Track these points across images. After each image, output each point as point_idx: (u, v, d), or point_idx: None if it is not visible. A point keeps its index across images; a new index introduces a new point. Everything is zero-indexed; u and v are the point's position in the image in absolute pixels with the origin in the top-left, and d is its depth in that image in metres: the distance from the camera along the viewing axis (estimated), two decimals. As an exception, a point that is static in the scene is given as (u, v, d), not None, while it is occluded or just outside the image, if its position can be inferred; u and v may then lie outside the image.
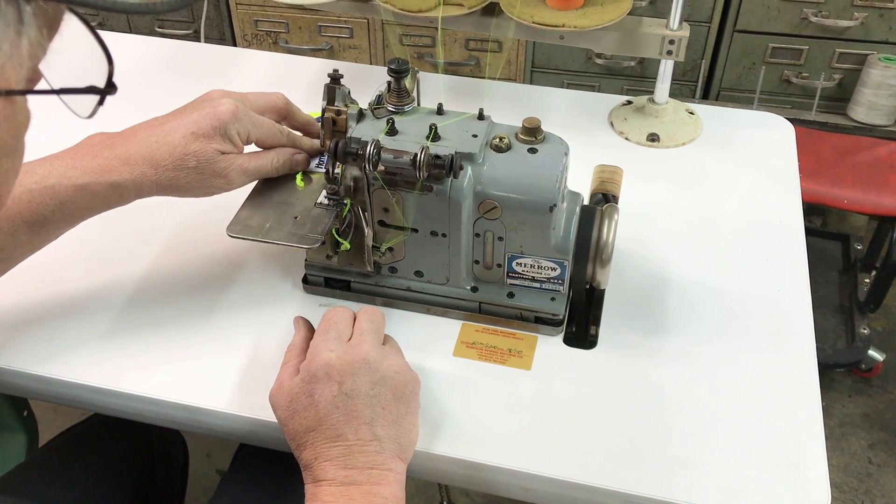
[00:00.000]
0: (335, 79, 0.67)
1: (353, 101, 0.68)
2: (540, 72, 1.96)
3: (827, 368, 1.59)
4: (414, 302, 0.73)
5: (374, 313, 0.64)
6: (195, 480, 1.42)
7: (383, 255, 0.71)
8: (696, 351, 0.70)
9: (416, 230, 0.68)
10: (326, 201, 0.69)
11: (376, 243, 0.70)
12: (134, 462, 0.87)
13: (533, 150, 0.65)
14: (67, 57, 0.35)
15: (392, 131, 0.65)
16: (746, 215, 0.85)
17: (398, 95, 0.67)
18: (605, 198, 0.73)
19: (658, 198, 0.88)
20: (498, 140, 0.65)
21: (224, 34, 2.07)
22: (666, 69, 0.97)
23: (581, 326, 0.73)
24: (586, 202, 0.73)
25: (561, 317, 0.71)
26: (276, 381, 0.61)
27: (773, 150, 0.95)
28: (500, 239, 0.67)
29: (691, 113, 1.00)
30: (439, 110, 0.68)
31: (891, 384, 1.68)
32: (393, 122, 0.65)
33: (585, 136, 0.97)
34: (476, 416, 0.65)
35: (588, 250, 0.68)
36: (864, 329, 1.58)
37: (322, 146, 0.72)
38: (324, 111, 0.67)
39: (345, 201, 0.68)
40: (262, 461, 0.74)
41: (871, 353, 1.59)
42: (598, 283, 0.69)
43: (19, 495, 0.76)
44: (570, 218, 0.68)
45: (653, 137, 0.96)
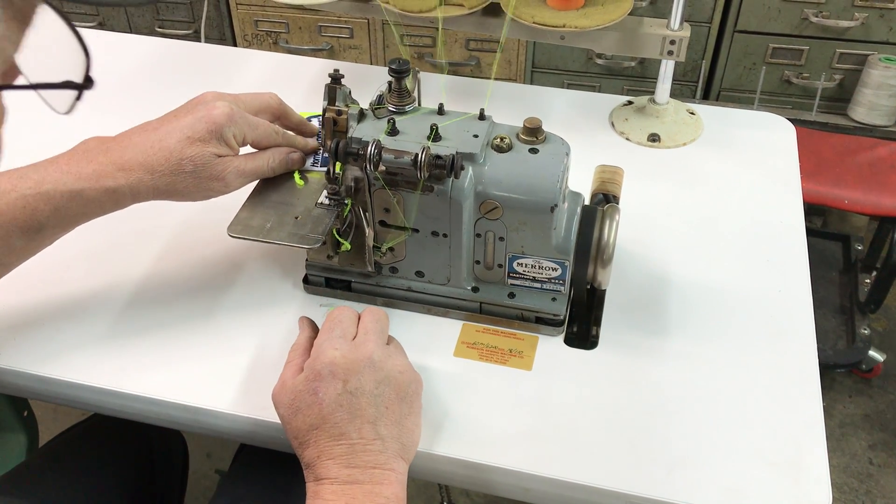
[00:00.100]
0: (336, 79, 0.67)
1: (353, 102, 0.68)
2: (540, 72, 1.96)
3: (827, 369, 1.59)
4: (415, 302, 0.73)
5: (378, 313, 0.64)
6: (195, 480, 1.42)
7: (384, 255, 0.71)
8: (696, 351, 0.70)
9: (416, 230, 0.68)
10: (327, 201, 0.68)
11: (377, 243, 0.70)
12: (134, 462, 0.87)
13: (534, 151, 0.65)
14: (44, 51, 0.35)
15: (393, 131, 0.65)
16: (747, 215, 0.85)
17: (399, 95, 0.67)
18: (605, 198, 0.73)
19: (659, 198, 0.88)
20: (499, 140, 0.65)
21: (224, 34, 2.07)
22: (667, 69, 0.97)
23: (582, 327, 0.73)
24: (587, 202, 0.73)
25: (562, 317, 0.71)
26: (279, 379, 0.61)
27: (774, 151, 0.95)
28: (501, 239, 0.67)
29: (692, 113, 1.00)
30: (440, 110, 0.68)
31: (891, 385, 1.68)
32: (394, 122, 0.65)
33: (586, 137, 0.97)
34: (477, 417, 0.65)
35: (589, 250, 0.68)
36: (865, 329, 1.58)
37: (323, 146, 0.72)
38: (325, 111, 0.67)
39: (346, 201, 0.68)
40: (262, 461, 0.74)
41: (872, 353, 1.59)
42: (599, 283, 0.69)
43: (19, 495, 0.76)
44: (571, 218, 0.68)
45: (654, 138, 0.96)
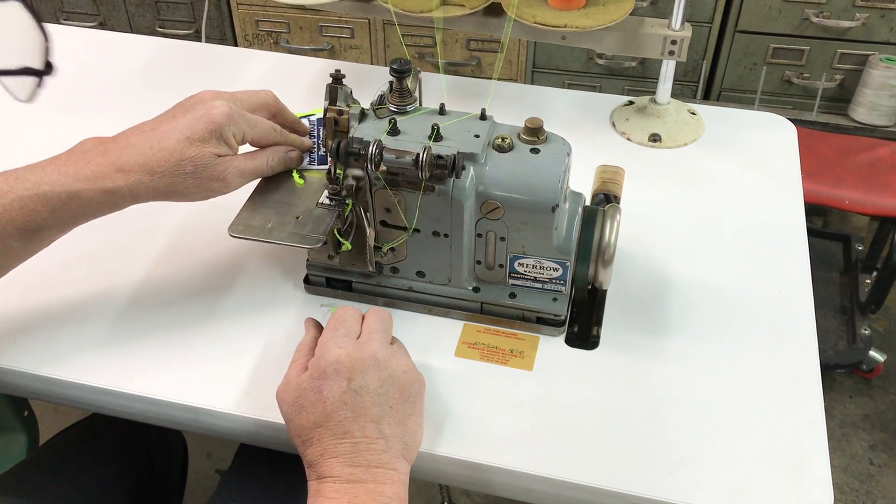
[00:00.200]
0: (337, 79, 0.67)
1: (355, 101, 0.68)
2: (541, 72, 1.96)
3: (828, 369, 1.59)
4: (415, 302, 0.73)
5: (382, 314, 0.64)
6: (196, 481, 1.42)
7: (385, 255, 0.71)
8: (697, 351, 0.70)
9: (417, 230, 0.68)
10: (328, 201, 0.68)
11: (378, 243, 0.70)
12: (133, 461, 0.87)
13: (535, 151, 0.65)
14: (3, 38, 0.34)
15: (394, 131, 0.65)
16: (748, 216, 0.85)
17: (400, 95, 0.67)
18: (606, 198, 0.73)
19: (660, 198, 0.88)
20: (500, 140, 0.65)
21: (225, 34, 2.07)
22: (668, 69, 0.97)
23: (583, 327, 0.73)
24: (588, 202, 0.73)
25: (563, 317, 0.71)
26: (283, 378, 0.61)
27: (775, 151, 0.95)
28: (502, 239, 0.67)
29: (693, 113, 1.00)
30: (441, 110, 0.67)
31: (892, 385, 1.68)
32: (395, 122, 0.65)
33: (587, 137, 0.97)
34: (477, 417, 0.65)
35: (590, 251, 0.68)
36: (865, 330, 1.58)
37: (323, 145, 0.72)
38: (326, 111, 0.67)
39: (346, 201, 0.68)
40: (262, 460, 0.74)
41: (872, 353, 1.59)
42: (600, 283, 0.69)
43: (17, 494, 0.76)
44: (572, 218, 0.68)
45: (654, 138, 0.96)
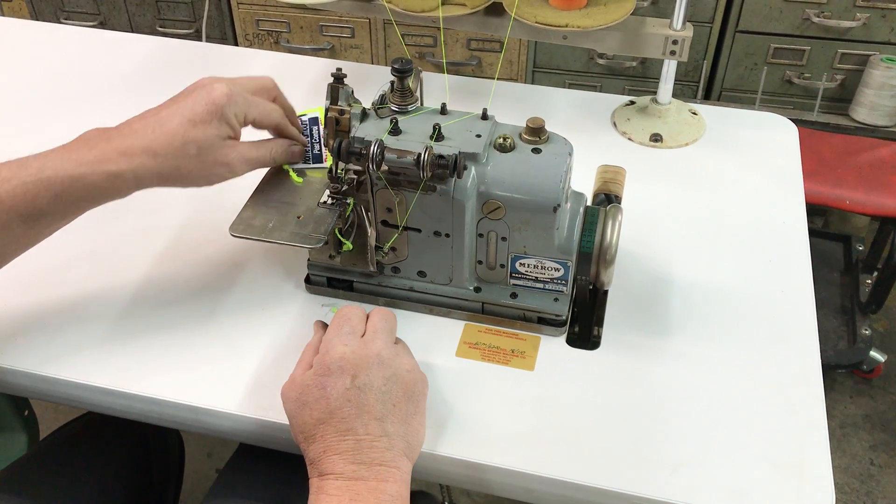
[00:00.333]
0: (339, 78, 0.67)
1: (356, 101, 0.68)
2: (542, 72, 1.96)
3: (828, 369, 1.59)
4: (417, 302, 0.73)
5: (387, 313, 0.64)
6: (196, 481, 1.42)
7: (386, 255, 0.70)
8: (699, 352, 0.70)
9: (419, 230, 0.68)
10: (329, 201, 0.68)
11: (379, 243, 0.70)
12: (129, 459, 0.87)
13: (537, 151, 0.65)
14: None
15: (395, 131, 0.65)
16: (750, 216, 0.85)
17: (402, 95, 0.67)
18: (607, 198, 0.73)
19: (661, 198, 0.88)
20: (502, 140, 0.65)
21: (225, 34, 2.07)
22: (669, 69, 0.97)
23: (584, 327, 0.73)
24: (589, 202, 0.73)
25: (564, 317, 0.70)
26: (289, 376, 0.61)
27: (776, 151, 0.95)
28: (504, 239, 0.67)
29: (694, 113, 1.00)
30: (443, 110, 0.67)
31: (892, 385, 1.68)
32: (396, 121, 0.65)
33: (588, 137, 0.97)
34: (479, 417, 0.65)
35: (591, 251, 0.68)
36: (866, 330, 1.58)
37: (325, 145, 0.72)
38: (327, 111, 0.67)
39: (348, 201, 0.68)
40: (259, 459, 0.74)
41: (873, 354, 1.59)
42: (601, 283, 0.69)
43: (13, 493, 0.75)
44: (573, 218, 0.68)
45: (656, 138, 0.96)
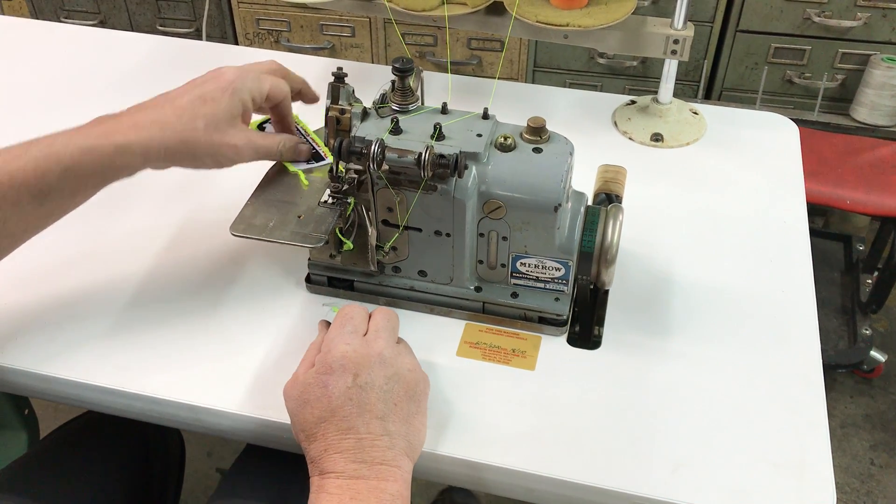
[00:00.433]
0: (339, 77, 0.67)
1: (357, 100, 0.68)
2: (542, 71, 1.96)
3: (829, 369, 1.59)
4: (417, 302, 0.73)
5: (389, 313, 0.64)
6: (196, 480, 1.42)
7: (387, 254, 0.70)
8: (699, 351, 0.70)
9: (419, 230, 0.68)
10: (330, 200, 0.68)
11: (380, 243, 0.70)
12: (129, 458, 0.87)
13: (538, 150, 0.65)
14: None
15: (396, 130, 0.65)
16: (751, 215, 0.85)
17: (403, 94, 0.67)
18: (608, 198, 0.73)
19: (662, 198, 0.88)
20: (503, 139, 0.65)
21: (226, 33, 2.07)
22: (670, 69, 0.97)
23: (585, 327, 0.73)
24: (590, 202, 0.73)
25: (565, 317, 0.70)
26: (292, 375, 0.61)
27: (777, 151, 0.95)
28: (505, 239, 0.67)
29: (695, 113, 1.00)
30: (444, 109, 0.67)
31: (893, 385, 1.68)
32: (397, 121, 0.65)
33: (589, 136, 0.97)
34: (479, 417, 0.65)
35: (592, 250, 0.68)
36: (866, 330, 1.58)
37: (326, 145, 0.72)
38: (328, 110, 0.67)
39: (348, 200, 0.67)
40: (265, 459, 0.74)
41: (873, 353, 1.59)
42: (602, 283, 0.69)
43: (13, 492, 0.75)
44: (574, 218, 0.68)
45: (657, 137, 0.96)
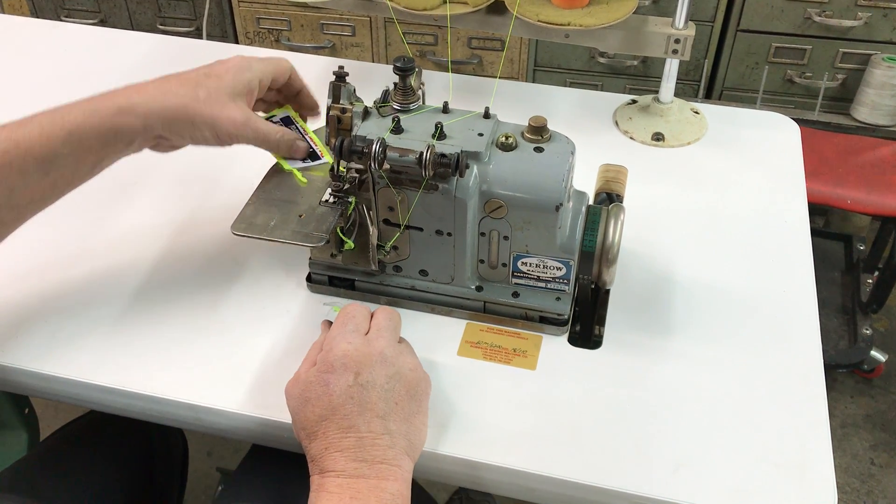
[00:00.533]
0: (340, 76, 0.67)
1: (358, 99, 0.68)
2: (542, 70, 1.96)
3: (829, 369, 1.59)
4: (418, 301, 0.73)
5: (391, 312, 0.64)
6: (196, 479, 1.42)
7: (388, 253, 0.70)
8: (701, 351, 0.70)
9: (420, 229, 0.68)
10: (331, 199, 0.68)
11: (381, 242, 0.70)
12: (132, 458, 0.87)
13: (539, 150, 0.65)
14: None
15: (397, 129, 0.65)
16: (752, 215, 0.85)
17: (404, 93, 0.67)
18: (609, 197, 0.73)
19: (663, 197, 0.88)
20: (504, 139, 0.65)
21: (226, 32, 2.07)
22: (671, 68, 0.96)
23: (586, 326, 0.73)
24: (591, 201, 0.73)
25: (566, 316, 0.70)
26: (294, 374, 0.61)
27: (778, 150, 0.95)
28: (506, 238, 0.67)
29: (696, 112, 1.00)
30: (445, 109, 0.67)
31: (893, 385, 1.68)
32: (398, 120, 0.65)
33: (590, 136, 0.97)
34: (480, 416, 0.65)
35: (594, 250, 0.68)
36: (867, 329, 1.58)
37: (327, 144, 0.72)
38: (329, 109, 0.67)
39: (349, 200, 0.67)
40: (273, 460, 0.74)
41: (874, 353, 1.59)
42: (603, 282, 0.69)
43: (17, 492, 0.75)
44: (575, 217, 0.68)
45: (658, 137, 0.96)
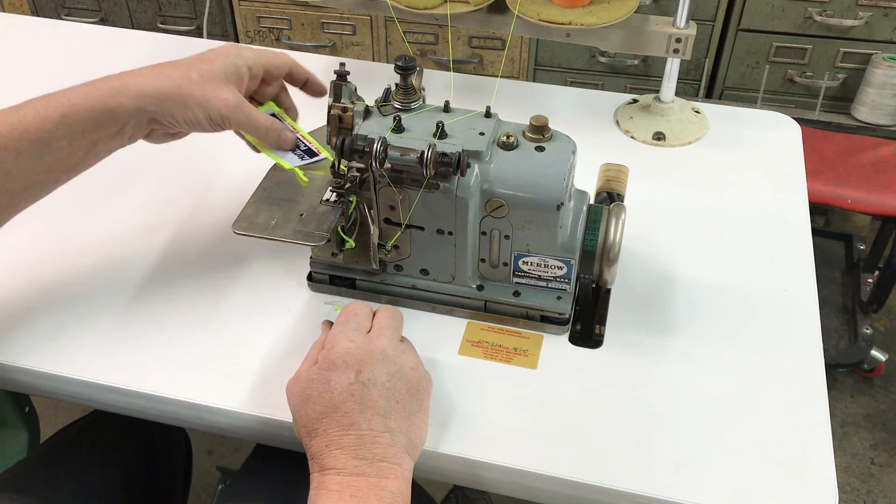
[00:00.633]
0: (342, 75, 0.67)
1: (359, 98, 0.68)
2: (543, 70, 1.95)
3: (829, 368, 1.59)
4: (419, 300, 0.73)
5: (394, 311, 0.65)
6: (196, 477, 1.41)
7: (389, 252, 0.70)
8: (702, 350, 0.70)
9: (421, 228, 0.68)
10: (332, 198, 0.68)
11: (382, 241, 0.70)
12: (134, 458, 0.87)
13: (540, 149, 0.65)
14: None
15: (398, 128, 0.65)
16: (753, 214, 0.85)
17: (405, 93, 0.67)
18: (610, 196, 0.73)
19: (664, 196, 0.88)
20: (505, 138, 0.65)
21: (227, 30, 2.07)
22: (672, 68, 0.96)
23: (587, 326, 0.73)
24: (591, 201, 0.73)
25: (567, 316, 0.70)
26: (295, 372, 0.61)
27: (779, 150, 0.95)
28: (507, 237, 0.67)
29: (697, 112, 1.00)
30: (446, 108, 0.67)
31: (893, 384, 1.68)
32: (399, 119, 0.65)
33: (591, 135, 0.97)
34: (481, 415, 0.65)
35: (595, 249, 0.68)
36: (867, 329, 1.58)
37: (328, 143, 0.72)
38: (330, 108, 0.67)
39: (350, 199, 0.67)
40: (276, 461, 0.74)
41: (874, 353, 1.59)
42: (604, 282, 0.69)
43: (20, 492, 0.75)
44: (576, 216, 0.68)
45: (659, 136, 0.96)
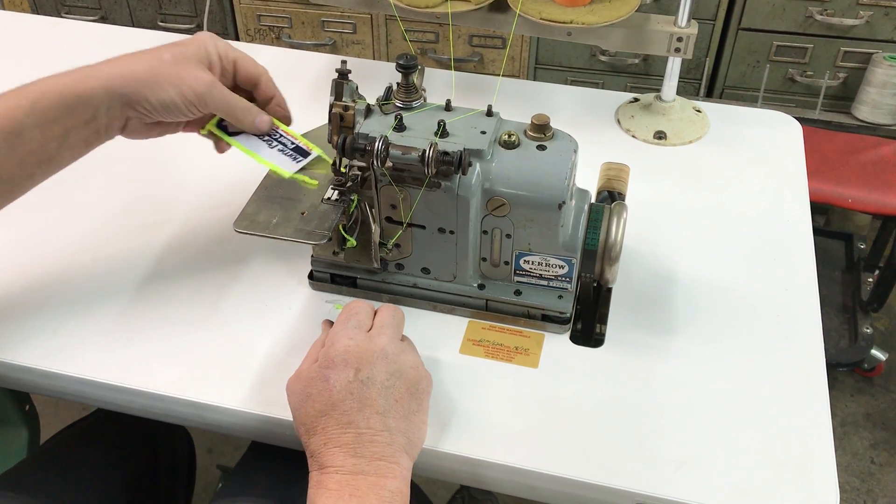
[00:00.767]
0: (343, 74, 0.66)
1: (360, 97, 0.68)
2: (543, 68, 1.95)
3: (830, 368, 1.58)
4: (420, 299, 0.73)
5: (395, 310, 0.65)
6: (196, 477, 1.42)
7: (390, 251, 0.70)
8: (703, 350, 0.70)
9: (423, 227, 0.68)
10: (333, 197, 0.68)
11: (383, 240, 0.70)
12: (138, 458, 0.87)
13: (542, 147, 0.65)
14: None
15: (400, 127, 0.65)
16: (754, 214, 0.85)
17: (406, 91, 0.67)
18: (611, 195, 0.73)
19: (665, 196, 0.87)
20: (507, 136, 0.65)
21: (227, 29, 2.07)
22: (673, 66, 0.96)
23: (588, 325, 0.73)
24: (593, 200, 0.72)
25: (568, 315, 0.70)
26: (296, 370, 0.61)
27: (780, 149, 0.95)
28: (508, 236, 0.67)
29: (698, 111, 1.00)
30: (447, 106, 0.67)
31: (893, 384, 1.68)
32: (401, 117, 0.65)
33: (592, 134, 0.97)
34: (482, 414, 0.65)
35: (596, 248, 0.68)
36: (867, 328, 1.58)
37: (329, 141, 0.72)
38: (331, 106, 0.67)
39: (352, 197, 0.67)
40: (272, 458, 0.74)
41: (874, 352, 1.59)
42: (605, 281, 0.69)
43: (22, 492, 0.75)
44: (578, 215, 0.68)
45: (660, 135, 0.96)
